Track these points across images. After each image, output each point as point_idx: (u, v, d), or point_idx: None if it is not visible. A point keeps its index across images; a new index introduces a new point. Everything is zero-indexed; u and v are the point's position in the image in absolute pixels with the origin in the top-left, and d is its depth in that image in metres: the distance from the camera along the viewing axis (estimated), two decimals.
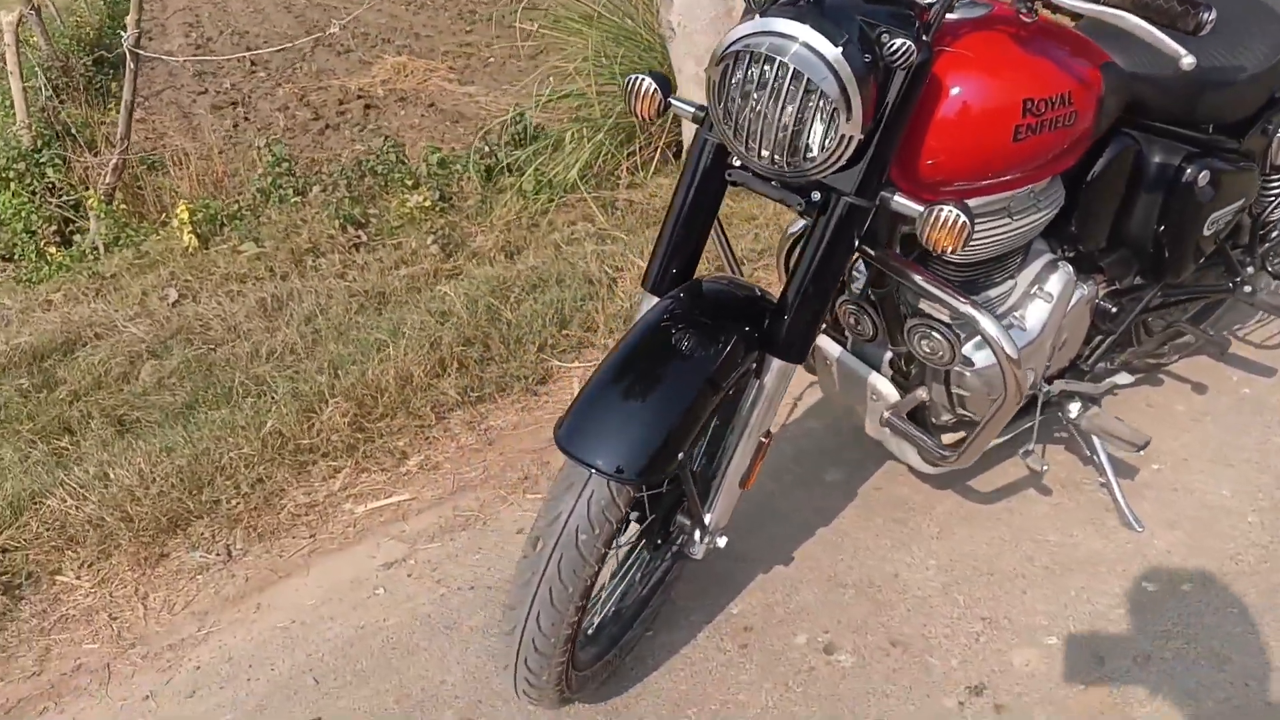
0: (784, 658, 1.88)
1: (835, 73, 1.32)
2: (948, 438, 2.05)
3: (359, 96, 7.17)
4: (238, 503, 2.44)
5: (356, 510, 2.44)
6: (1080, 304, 1.96)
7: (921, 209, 1.45)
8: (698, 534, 1.68)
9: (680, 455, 1.43)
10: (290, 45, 5.86)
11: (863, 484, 2.29)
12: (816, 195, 1.49)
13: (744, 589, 2.04)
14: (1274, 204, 2.21)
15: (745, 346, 1.52)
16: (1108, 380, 2.07)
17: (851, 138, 1.36)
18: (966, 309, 1.57)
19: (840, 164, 1.41)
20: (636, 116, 1.62)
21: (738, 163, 1.56)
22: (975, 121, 1.52)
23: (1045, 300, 1.88)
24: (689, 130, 4.25)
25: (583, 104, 4.34)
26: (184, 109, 6.57)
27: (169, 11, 9.52)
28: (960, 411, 1.96)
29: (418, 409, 2.76)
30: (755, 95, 1.38)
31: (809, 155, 1.40)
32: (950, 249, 1.43)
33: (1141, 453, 1.97)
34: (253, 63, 7.32)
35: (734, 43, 1.38)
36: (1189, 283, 2.15)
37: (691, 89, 4.10)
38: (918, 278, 1.62)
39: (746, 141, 1.43)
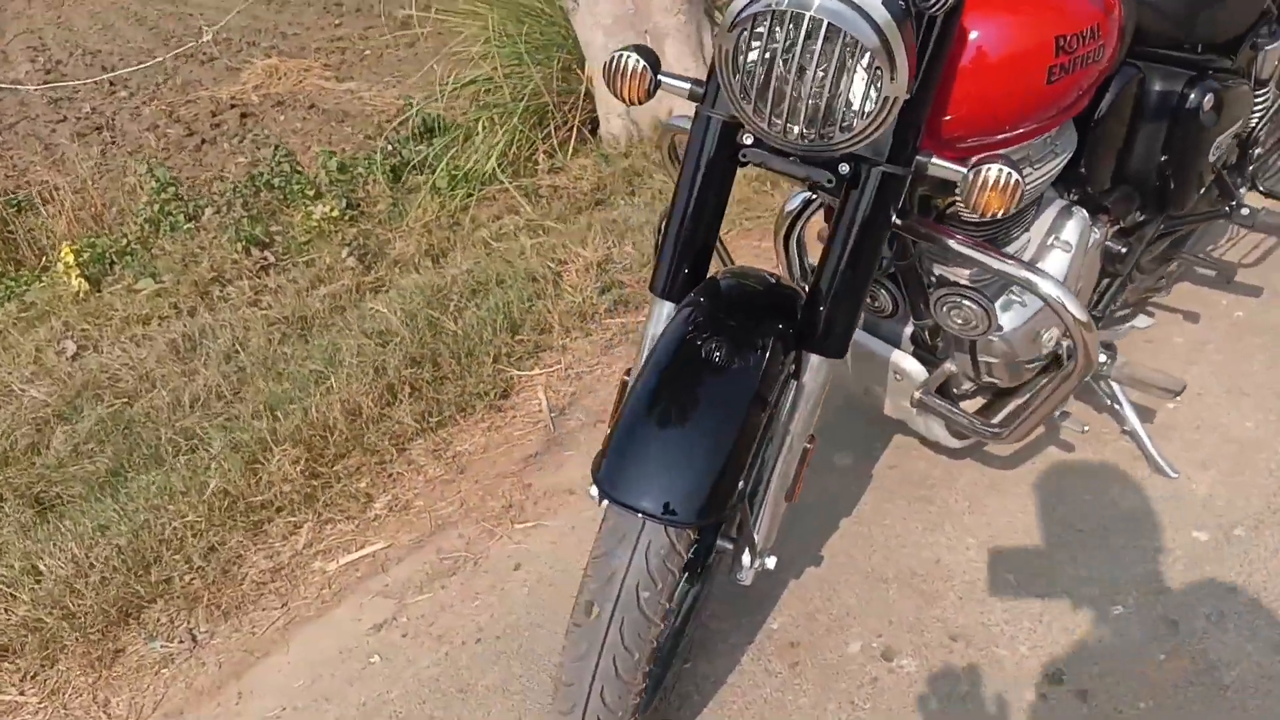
0: (842, 671, 1.73)
1: (875, 25, 1.13)
2: (968, 405, 1.92)
3: (232, 105, 6.74)
4: (192, 578, 2.17)
5: (328, 568, 2.19)
6: (1093, 249, 1.84)
7: (964, 170, 1.29)
8: (746, 557, 1.50)
9: (740, 484, 1.25)
10: (158, 60, 5.39)
11: (875, 464, 2.15)
12: (845, 168, 1.32)
13: (778, 600, 1.88)
14: (1262, 121, 2.12)
15: (784, 347, 1.35)
16: (1127, 325, 1.96)
17: (896, 99, 1.19)
18: (1026, 274, 1.41)
19: (879, 131, 1.23)
20: (623, 99, 1.41)
21: (749, 140, 1.37)
22: (1006, 67, 1.37)
23: (1064, 250, 1.75)
24: (605, 106, 4.03)
25: (489, 89, 4.09)
26: (44, 140, 6.04)
27: (8, 37, 8.80)
28: (987, 379, 1.83)
29: (374, 444, 2.51)
30: (780, 62, 1.20)
31: (845, 124, 1.22)
32: (1000, 211, 1.28)
33: (1178, 398, 1.87)
34: (111, 82, 6.80)
35: (750, 3, 1.19)
36: (1189, 212, 2.06)
37: (602, 61, 3.89)
38: (960, 245, 1.46)
39: (769, 116, 1.25)
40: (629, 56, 1.37)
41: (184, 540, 2.25)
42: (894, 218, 1.35)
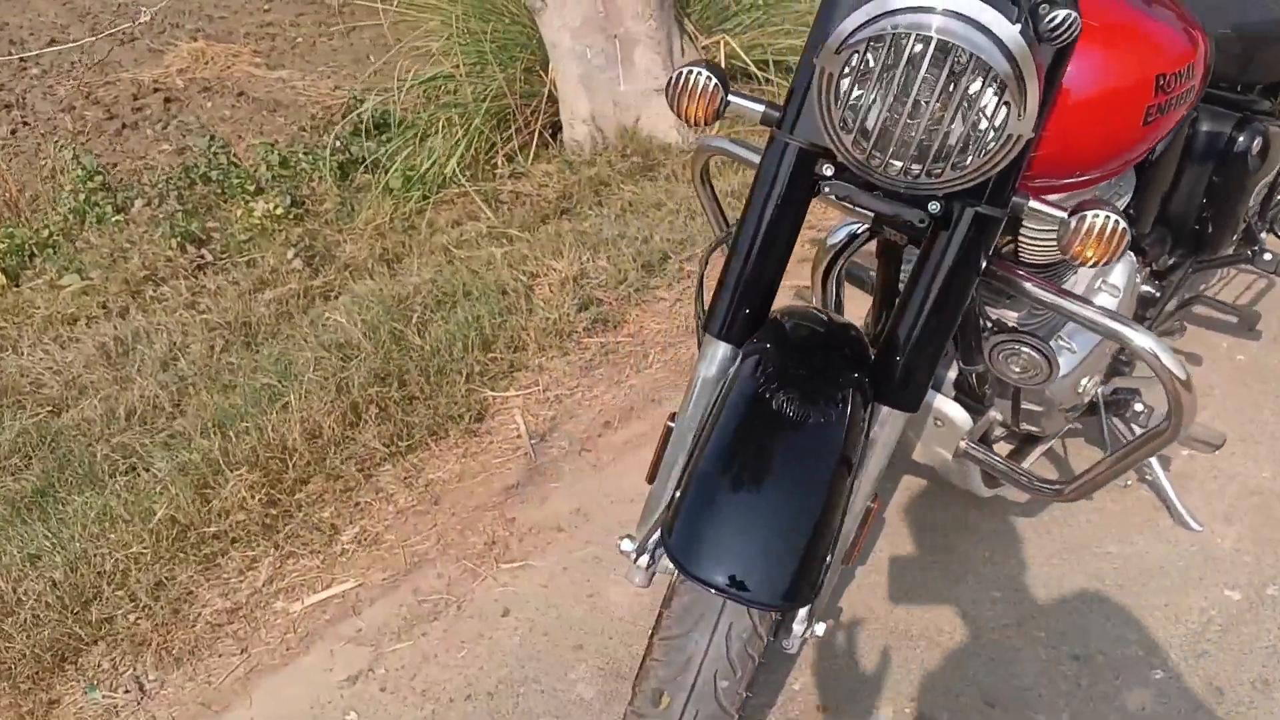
0: None
1: (1008, 52, 1.01)
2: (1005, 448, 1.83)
3: (156, 89, 6.35)
4: (139, 618, 1.95)
5: (292, 609, 1.99)
6: (1133, 292, 1.76)
7: (1063, 215, 1.18)
8: (798, 625, 1.37)
9: (829, 559, 1.12)
10: (87, 40, 4.99)
11: (887, 508, 2.04)
12: (935, 206, 1.20)
13: (798, 656, 1.75)
14: None
15: (862, 399, 1.22)
16: None
17: (1020, 137, 1.07)
18: (1117, 326, 1.30)
19: (995, 170, 1.11)
20: (686, 119, 1.26)
21: (829, 171, 1.23)
22: (1105, 105, 1.27)
23: (1112, 294, 1.67)
24: (568, 111, 3.87)
25: (450, 87, 3.89)
26: None
27: None
28: (1025, 427, 1.74)
29: (337, 469, 2.32)
30: (894, 90, 1.06)
31: (957, 162, 1.09)
32: (1101, 260, 1.17)
33: (1217, 451, 1.81)
34: (21, 58, 6.36)
35: (866, 24, 1.04)
36: (1217, 256, 2.00)
37: (569, 64, 3.74)
38: (1041, 290, 1.35)
39: (870, 150, 1.11)
40: (699, 73, 1.22)
41: (128, 574, 2.02)
42: (984, 262, 1.23)
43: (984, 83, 1.03)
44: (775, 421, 1.15)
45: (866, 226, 1.60)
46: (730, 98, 1.26)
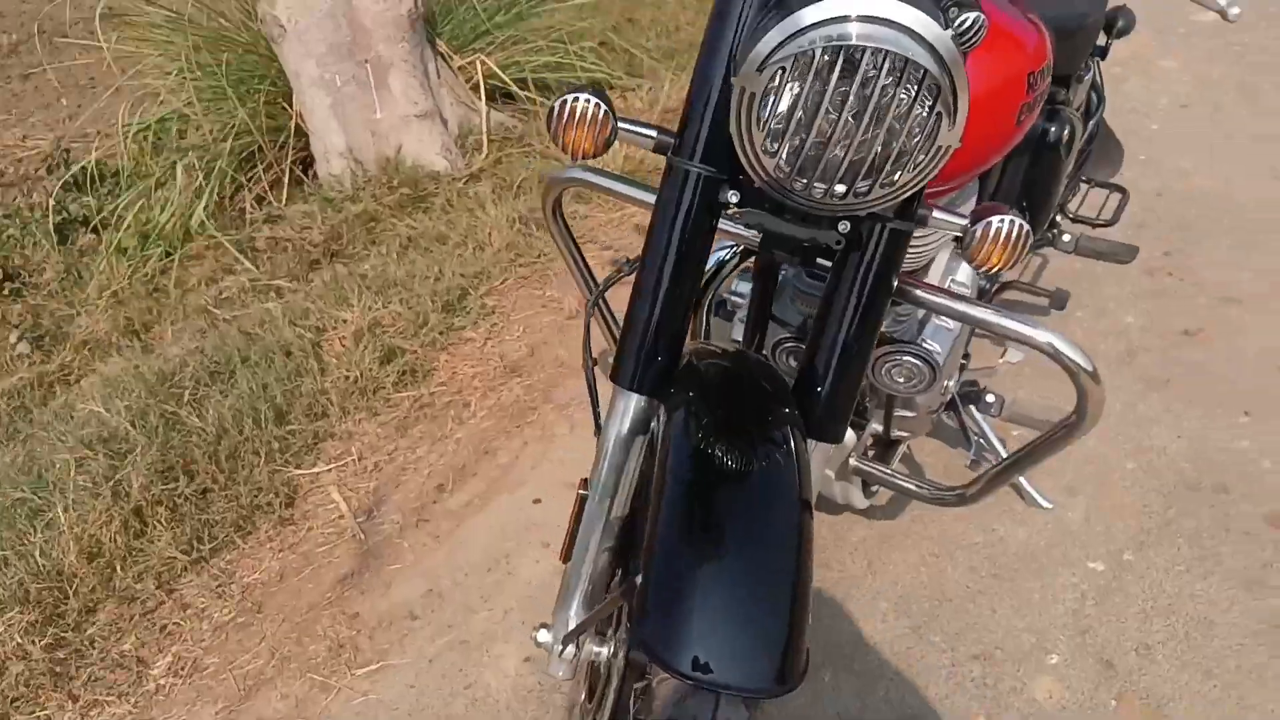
0: None
1: (940, 60, 0.93)
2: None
3: None
4: None
5: None
6: (974, 287, 1.78)
7: (964, 222, 1.13)
8: None
9: (810, 619, 1.01)
10: None
11: None
12: (846, 225, 1.12)
13: None
14: None
15: (802, 437, 1.13)
16: (1002, 361, 1.93)
17: (949, 148, 1.00)
18: (1017, 326, 1.28)
19: (922, 184, 1.04)
20: (572, 152, 1.11)
21: (734, 198, 1.12)
22: (988, 106, 1.24)
23: (961, 290, 1.68)
24: (322, 145, 3.57)
25: (181, 127, 3.49)
26: None
27: None
28: (896, 434, 1.71)
29: (131, 589, 1.98)
30: (827, 109, 0.96)
31: (885, 180, 1.01)
32: (1004, 265, 1.14)
33: None
34: None
35: (785, 40, 0.94)
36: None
37: (317, 95, 3.45)
38: (935, 296, 1.30)
39: (791, 173, 1.01)
40: (587, 100, 1.07)
41: None
42: (895, 279, 1.17)
43: (916, 93, 0.95)
44: (726, 479, 1.03)
45: (737, 251, 1.52)
46: (620, 125, 1.12)
